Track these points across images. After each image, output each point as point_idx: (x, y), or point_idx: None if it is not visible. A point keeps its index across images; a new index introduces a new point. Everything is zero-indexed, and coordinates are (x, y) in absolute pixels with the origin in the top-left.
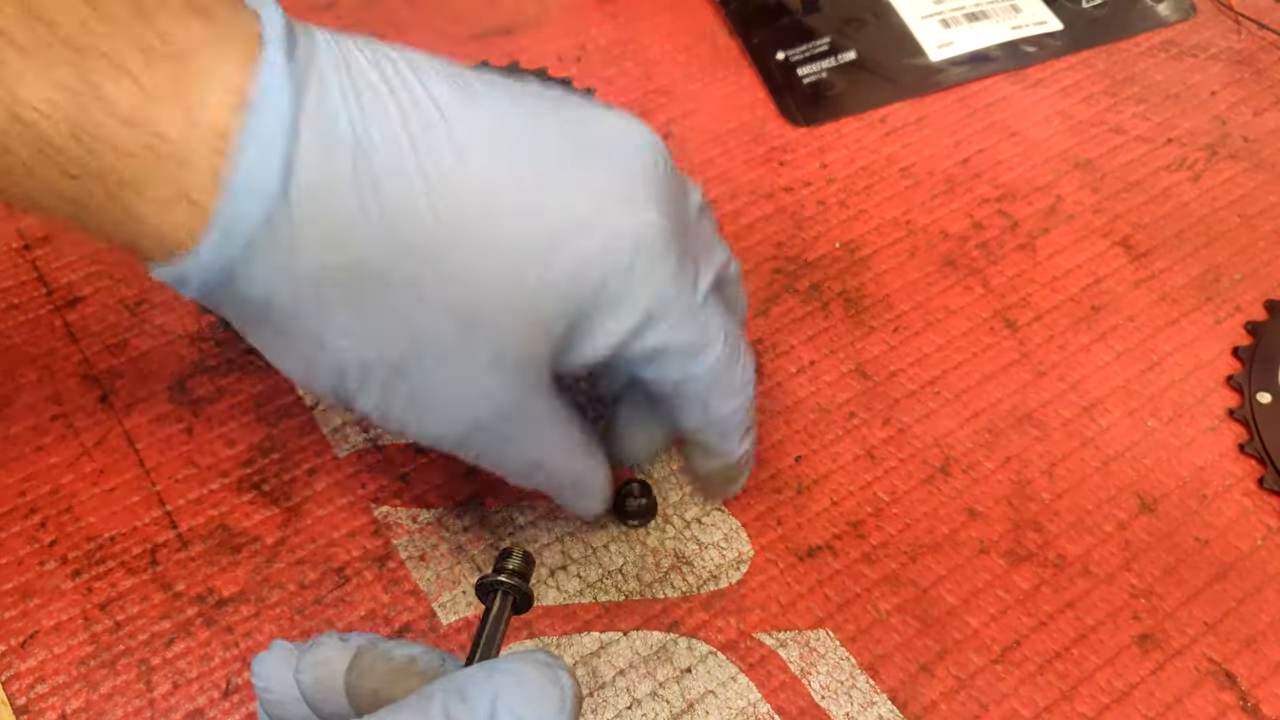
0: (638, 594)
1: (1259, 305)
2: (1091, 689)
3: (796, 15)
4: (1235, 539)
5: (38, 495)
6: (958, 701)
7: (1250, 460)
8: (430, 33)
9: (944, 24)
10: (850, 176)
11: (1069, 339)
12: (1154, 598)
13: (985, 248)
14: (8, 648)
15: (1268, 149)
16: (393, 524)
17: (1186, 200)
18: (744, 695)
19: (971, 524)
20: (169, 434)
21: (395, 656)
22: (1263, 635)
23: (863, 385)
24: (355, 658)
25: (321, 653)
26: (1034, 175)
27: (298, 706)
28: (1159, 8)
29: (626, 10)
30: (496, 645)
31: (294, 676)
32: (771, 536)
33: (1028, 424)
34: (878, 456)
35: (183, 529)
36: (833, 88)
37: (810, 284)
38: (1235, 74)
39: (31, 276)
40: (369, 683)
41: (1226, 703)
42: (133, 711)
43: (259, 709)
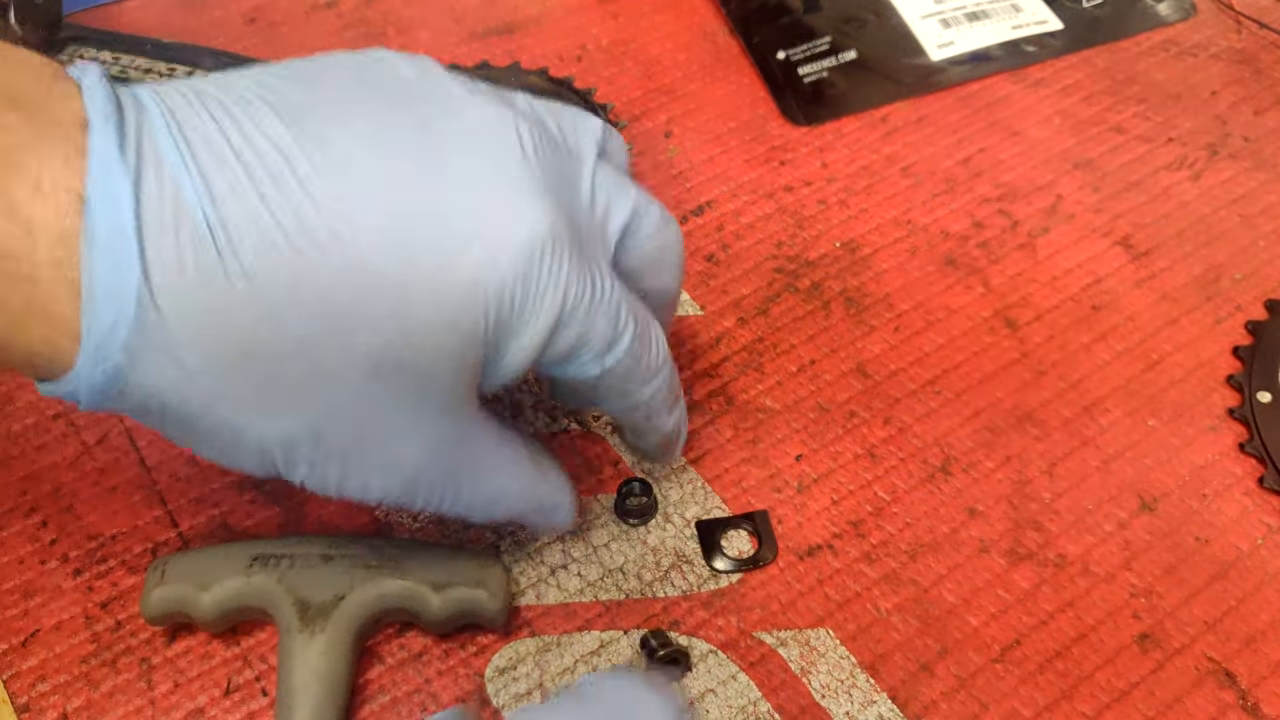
0: (638, 593)
1: (1259, 305)
2: (1091, 688)
3: (797, 15)
4: (1235, 538)
5: (39, 494)
6: (958, 700)
7: (1250, 460)
8: (431, 32)
9: (944, 23)
10: (851, 176)
11: (1069, 338)
12: (1154, 597)
13: (985, 247)
14: (9, 646)
15: (1268, 149)
16: (393, 523)
17: (1187, 200)
18: (744, 694)
19: (971, 523)
20: None
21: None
22: (1262, 634)
23: (863, 384)
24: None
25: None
26: (1034, 175)
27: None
28: (1159, 7)
29: (627, 10)
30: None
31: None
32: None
33: (1028, 423)
34: (878, 456)
35: (183, 528)
36: (833, 87)
37: (811, 283)
38: (1236, 74)
39: None
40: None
41: (1226, 702)
42: (134, 710)
43: None
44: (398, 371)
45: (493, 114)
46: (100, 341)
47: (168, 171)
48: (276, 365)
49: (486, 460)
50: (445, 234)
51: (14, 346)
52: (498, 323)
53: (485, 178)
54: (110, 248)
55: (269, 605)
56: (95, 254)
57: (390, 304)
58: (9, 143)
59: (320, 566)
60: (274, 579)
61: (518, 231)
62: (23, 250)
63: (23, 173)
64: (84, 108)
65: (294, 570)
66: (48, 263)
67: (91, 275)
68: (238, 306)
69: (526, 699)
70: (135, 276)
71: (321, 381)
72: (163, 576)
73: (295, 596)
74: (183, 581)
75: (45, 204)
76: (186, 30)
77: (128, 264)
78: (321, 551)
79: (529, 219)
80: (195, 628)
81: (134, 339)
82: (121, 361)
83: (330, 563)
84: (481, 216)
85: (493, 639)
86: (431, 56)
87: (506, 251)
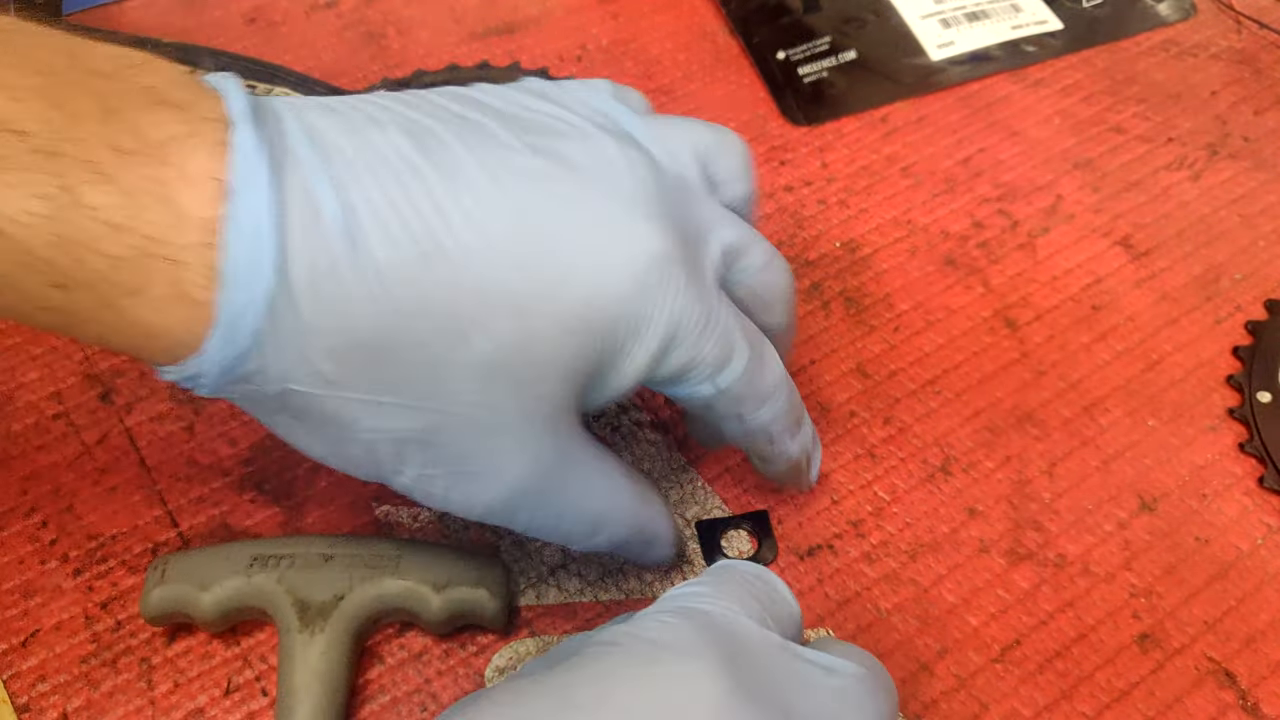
0: (638, 593)
1: (1259, 305)
2: (1091, 688)
3: (797, 15)
4: (1235, 538)
5: (39, 494)
6: (957, 700)
7: (1250, 459)
8: (431, 32)
9: (944, 23)
10: (851, 176)
11: (1069, 338)
12: (1154, 597)
13: (985, 247)
14: (9, 646)
15: (1268, 149)
16: (393, 523)
17: (1187, 200)
18: None
19: (971, 523)
20: (170, 432)
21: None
22: (1262, 634)
23: (863, 384)
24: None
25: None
26: (1034, 175)
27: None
28: (1159, 7)
29: (627, 10)
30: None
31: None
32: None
33: (1028, 423)
34: (878, 456)
35: (183, 528)
36: (833, 87)
37: (810, 283)
38: (1236, 74)
39: None
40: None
41: (1226, 701)
42: (134, 710)
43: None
44: (510, 380)
45: (609, 143)
46: (232, 324)
47: (303, 171)
48: (395, 363)
49: (589, 479)
50: (564, 251)
51: (147, 324)
52: (609, 339)
53: (603, 201)
54: (250, 235)
55: (269, 605)
56: (236, 240)
57: (509, 314)
58: (161, 136)
59: (320, 566)
60: (274, 579)
61: (633, 252)
62: (172, 236)
63: (173, 163)
64: (226, 108)
65: (294, 570)
66: (193, 247)
67: (230, 260)
68: (364, 303)
69: None
70: (271, 264)
71: (436, 383)
72: (163, 576)
73: (295, 596)
74: (183, 581)
75: (194, 192)
76: (186, 30)
77: (265, 251)
78: (321, 551)
79: (644, 240)
80: (195, 628)
81: (264, 324)
82: (249, 346)
83: (330, 563)
84: (599, 237)
85: (493, 639)
86: (431, 56)
87: (622, 270)
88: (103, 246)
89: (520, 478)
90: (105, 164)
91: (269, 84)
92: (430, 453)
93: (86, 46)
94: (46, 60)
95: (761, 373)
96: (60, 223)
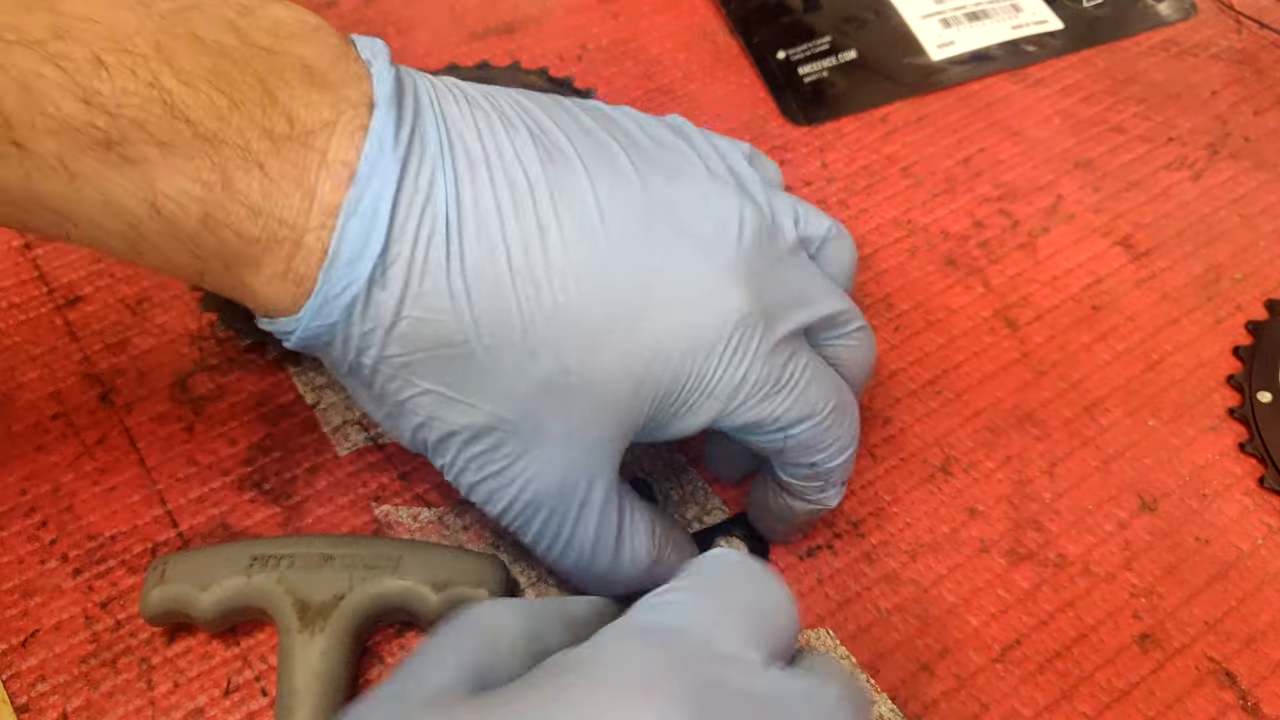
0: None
1: (1259, 305)
2: (1091, 688)
3: (797, 14)
4: (1235, 538)
5: (38, 494)
6: (958, 700)
7: (1250, 459)
8: (431, 32)
9: (944, 23)
10: (851, 176)
11: (1069, 338)
12: (1154, 597)
13: (986, 247)
14: (9, 646)
15: (1268, 148)
16: (393, 523)
17: (1187, 199)
18: None
19: (971, 523)
20: (170, 432)
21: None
22: (1263, 634)
23: None
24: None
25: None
26: (1034, 174)
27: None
28: (1159, 7)
29: (627, 9)
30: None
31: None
32: None
33: (1028, 423)
34: (878, 456)
35: (183, 528)
36: (833, 87)
37: None
38: (1236, 73)
39: (32, 275)
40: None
41: (1226, 702)
42: (134, 710)
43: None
44: (564, 403)
45: (720, 193)
46: (328, 299)
47: (428, 164)
48: (462, 362)
49: (607, 515)
50: (647, 292)
51: (259, 295)
52: (671, 389)
53: (699, 255)
54: (365, 220)
55: (269, 605)
56: (351, 224)
57: (580, 340)
58: (312, 121)
59: (320, 566)
60: (274, 579)
61: (714, 314)
62: (301, 220)
63: (318, 148)
64: (373, 90)
65: (294, 570)
66: (315, 229)
67: (341, 242)
68: (445, 300)
69: None
70: (376, 251)
71: (496, 389)
72: (162, 576)
73: (295, 596)
74: (182, 581)
75: (328, 177)
76: None
77: (374, 238)
78: (321, 551)
79: (730, 304)
80: (195, 628)
81: (359, 303)
82: (338, 319)
83: (330, 563)
84: (685, 286)
85: None
86: (431, 56)
87: (697, 329)
88: (241, 228)
89: (544, 485)
90: (259, 151)
91: None
92: (471, 448)
93: (251, 15)
94: (215, 37)
95: (840, 427)
96: (210, 204)
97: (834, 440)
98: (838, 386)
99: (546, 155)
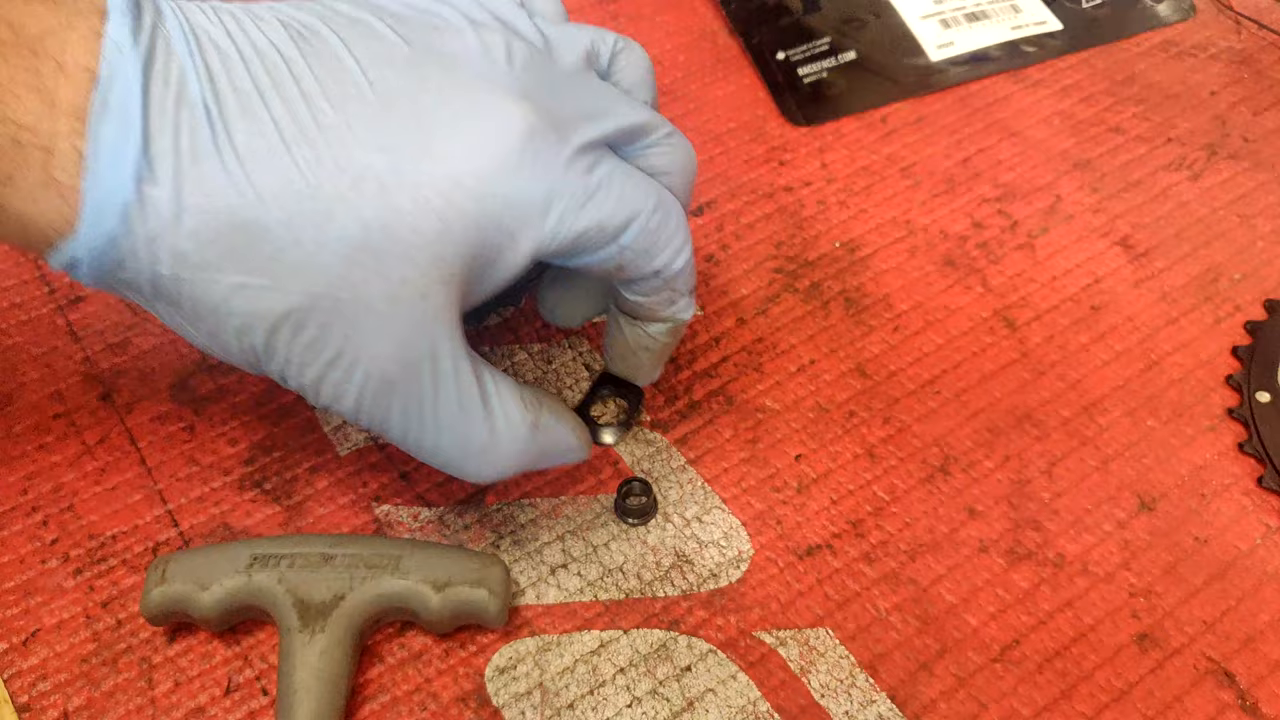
0: (638, 592)
1: (1258, 305)
2: (1090, 688)
3: (797, 15)
4: (1234, 538)
5: (39, 493)
6: (957, 700)
7: (1249, 459)
8: None
9: (944, 24)
10: (850, 176)
11: (1069, 338)
12: (1153, 596)
13: (985, 247)
14: (10, 645)
15: (1267, 149)
16: (394, 522)
17: (1186, 200)
18: (744, 693)
19: (971, 523)
20: (170, 432)
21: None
22: (1261, 634)
23: (863, 384)
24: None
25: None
26: (1034, 175)
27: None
28: (1159, 8)
29: (627, 10)
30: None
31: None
32: (771, 535)
33: (1027, 423)
34: (877, 455)
35: (184, 527)
36: (833, 87)
37: (810, 283)
38: (1235, 74)
39: (34, 275)
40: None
41: (1225, 701)
42: (134, 709)
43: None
44: (375, 261)
45: (490, 35)
46: (99, 207)
47: (175, 61)
48: (260, 243)
49: (465, 387)
50: (429, 131)
51: (23, 212)
52: (483, 220)
53: (470, 84)
54: (116, 120)
55: (269, 605)
56: (102, 126)
57: (372, 193)
58: (37, 28)
59: (320, 566)
60: (274, 578)
61: (498, 130)
62: (44, 124)
63: (48, 54)
64: (105, 0)
65: (294, 570)
66: (63, 134)
67: (97, 144)
68: (225, 184)
69: (526, 699)
70: (135, 147)
71: (302, 260)
72: (163, 576)
73: (295, 596)
74: (183, 581)
75: (66, 81)
76: None
77: (130, 136)
78: (321, 551)
79: (511, 119)
80: (195, 627)
81: (131, 208)
82: (117, 229)
83: (330, 562)
84: (464, 118)
85: (493, 639)
86: None
87: (487, 149)
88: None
89: (383, 363)
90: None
91: None
92: (297, 337)
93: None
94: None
95: (669, 221)
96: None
97: (668, 240)
98: (656, 188)
99: (300, 37)
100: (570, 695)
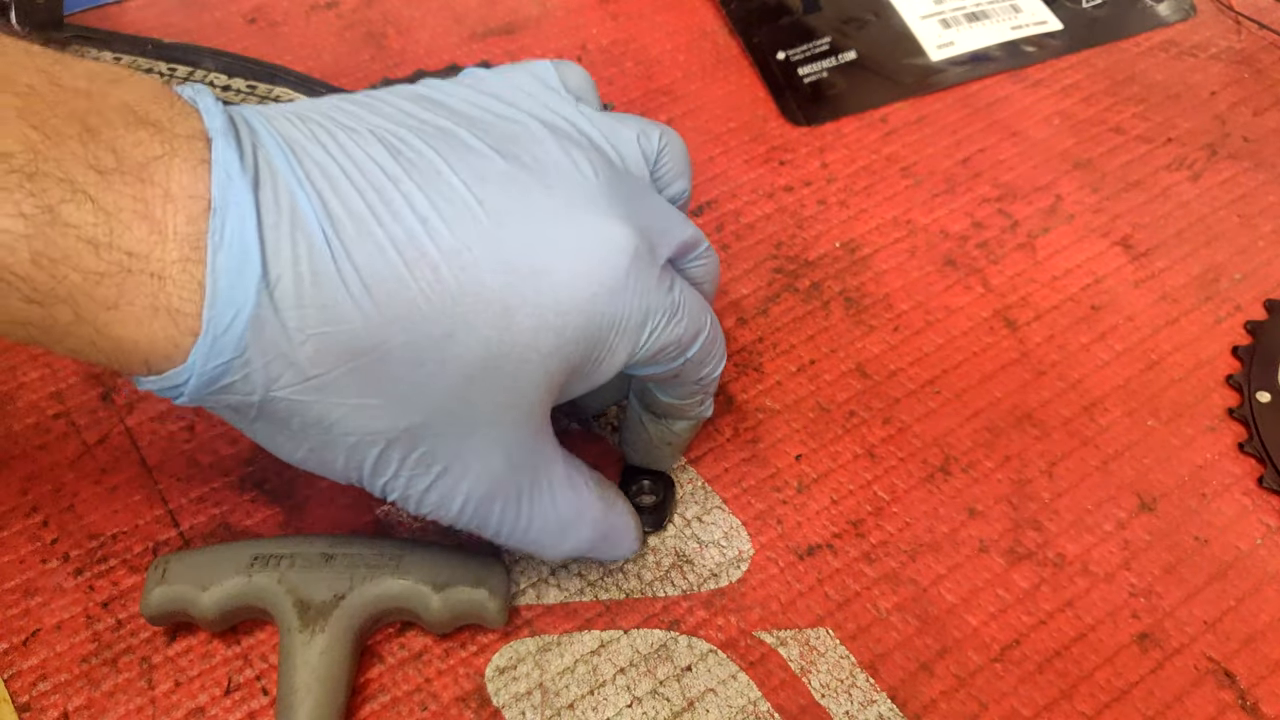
0: (638, 592)
1: (1259, 305)
2: (1091, 687)
3: (797, 15)
4: (1234, 538)
5: (40, 493)
6: (957, 700)
7: (1250, 459)
8: (431, 32)
9: (944, 24)
10: (850, 176)
11: (1069, 338)
12: (1153, 596)
13: (985, 247)
14: (10, 645)
15: (1268, 149)
16: (394, 523)
17: (1186, 200)
18: (744, 693)
19: (971, 523)
20: (171, 432)
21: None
22: (1262, 634)
23: (863, 384)
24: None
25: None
26: (1034, 175)
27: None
28: (1159, 8)
29: (627, 10)
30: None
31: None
32: (771, 535)
33: (1027, 423)
34: (878, 455)
35: (184, 527)
36: (833, 87)
37: (810, 283)
38: (1235, 74)
39: None
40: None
41: (1225, 701)
42: (134, 709)
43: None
44: (494, 377)
45: (569, 147)
46: (218, 335)
47: (283, 184)
48: (380, 365)
49: (557, 482)
50: (539, 250)
51: (126, 337)
52: (588, 333)
53: (572, 203)
54: (234, 249)
55: (269, 605)
56: (220, 255)
57: (495, 314)
58: (143, 156)
59: (320, 566)
60: (274, 579)
61: (607, 250)
62: (155, 252)
63: (154, 181)
64: (204, 124)
65: (294, 570)
66: (176, 262)
67: (215, 274)
68: (348, 309)
69: (526, 699)
70: (255, 276)
71: (423, 381)
72: (163, 576)
73: (295, 596)
74: (183, 581)
75: (175, 208)
76: (187, 30)
77: (249, 264)
78: (321, 551)
79: (616, 239)
80: (196, 627)
81: (249, 334)
82: (233, 356)
83: (330, 562)
84: (573, 237)
85: (493, 639)
86: (431, 56)
87: (597, 269)
88: (82, 263)
89: (493, 473)
90: (86, 183)
91: (269, 84)
92: (411, 454)
93: (64, 64)
94: (25, 80)
95: (719, 334)
96: (39, 240)
97: (717, 351)
98: (705, 303)
99: (397, 153)
100: (570, 695)
